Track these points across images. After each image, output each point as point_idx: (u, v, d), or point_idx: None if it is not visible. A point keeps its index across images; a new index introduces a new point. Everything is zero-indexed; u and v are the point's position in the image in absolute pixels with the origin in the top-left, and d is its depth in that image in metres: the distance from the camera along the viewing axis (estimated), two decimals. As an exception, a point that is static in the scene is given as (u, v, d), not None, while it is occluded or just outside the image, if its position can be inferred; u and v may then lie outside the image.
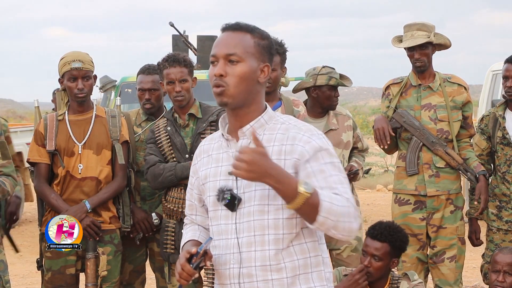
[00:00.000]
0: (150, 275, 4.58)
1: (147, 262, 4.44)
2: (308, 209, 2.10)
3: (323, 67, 4.56)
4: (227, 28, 2.28)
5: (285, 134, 2.23)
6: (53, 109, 4.31)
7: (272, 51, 2.30)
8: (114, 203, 4.05)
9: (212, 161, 2.33)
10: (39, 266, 4.04)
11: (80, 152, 3.95)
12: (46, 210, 4.01)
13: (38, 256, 4.05)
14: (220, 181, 2.27)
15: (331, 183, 2.16)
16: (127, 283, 4.33)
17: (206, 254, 2.22)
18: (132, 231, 4.17)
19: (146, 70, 4.37)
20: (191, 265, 2.21)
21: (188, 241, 2.43)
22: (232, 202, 2.21)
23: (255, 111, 2.27)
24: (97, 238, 3.93)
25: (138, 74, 4.42)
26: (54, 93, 9.59)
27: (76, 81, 3.93)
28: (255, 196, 2.20)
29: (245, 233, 2.23)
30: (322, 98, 4.50)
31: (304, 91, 4.65)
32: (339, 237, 2.14)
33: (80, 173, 3.93)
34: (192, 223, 2.50)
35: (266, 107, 2.31)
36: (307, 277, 2.24)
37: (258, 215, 2.21)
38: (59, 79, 4.02)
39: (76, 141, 3.96)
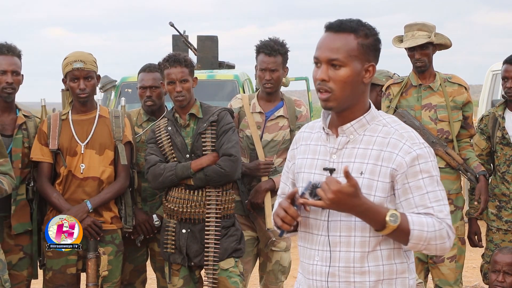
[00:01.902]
0: (151, 275, 4.58)
1: (148, 262, 4.44)
2: (397, 237, 2.18)
3: (394, 73, 4.66)
4: (330, 28, 2.24)
5: (386, 138, 2.23)
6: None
7: (377, 47, 2.26)
8: (116, 204, 4.06)
9: (309, 151, 2.34)
10: (42, 265, 4.05)
11: (82, 152, 3.95)
12: (48, 209, 4.02)
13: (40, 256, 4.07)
14: (315, 175, 2.28)
15: (426, 201, 2.19)
16: (127, 282, 4.33)
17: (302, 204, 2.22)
18: (133, 233, 4.18)
19: (147, 68, 4.38)
20: (295, 208, 2.20)
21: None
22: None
23: (359, 110, 2.27)
24: (98, 238, 3.93)
25: (139, 72, 4.43)
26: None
27: (78, 81, 3.93)
28: None
29: (332, 232, 2.24)
30: (381, 101, 4.60)
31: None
32: (432, 253, 2.25)
33: (82, 173, 3.93)
34: None
35: (370, 106, 2.30)
36: (391, 283, 2.25)
37: (345, 216, 2.22)
38: (62, 79, 4.03)
39: (78, 141, 3.97)
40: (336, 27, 2.22)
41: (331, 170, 2.25)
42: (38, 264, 4.11)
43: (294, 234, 2.38)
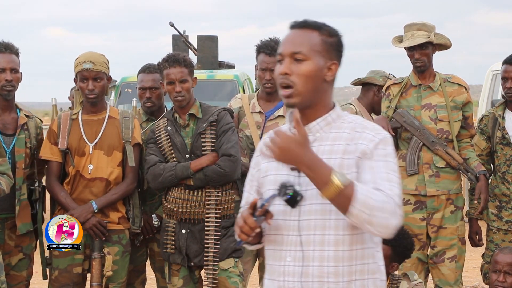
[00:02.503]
0: (150, 275, 4.58)
1: (148, 262, 4.44)
2: (341, 200, 2.07)
3: (390, 74, 4.67)
4: (294, 25, 2.24)
5: (351, 134, 2.21)
6: (70, 108, 4.34)
7: (340, 48, 2.26)
8: (124, 204, 4.06)
9: None
10: (48, 264, 4.05)
11: (91, 152, 3.96)
12: (57, 208, 4.03)
13: (40, 256, 4.07)
14: (282, 175, 2.24)
15: (377, 179, 2.13)
16: (127, 282, 4.33)
17: (267, 212, 2.18)
18: (135, 234, 4.17)
19: (147, 69, 4.38)
20: (254, 218, 2.16)
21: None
22: (293, 199, 2.16)
23: (323, 109, 2.25)
24: (103, 238, 3.94)
25: (138, 73, 4.43)
26: (71, 91, 9.63)
27: (87, 82, 3.94)
28: (317, 194, 2.13)
29: (305, 231, 2.20)
30: (378, 101, 4.59)
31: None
32: (375, 233, 2.11)
33: (90, 173, 3.94)
34: None
35: (334, 106, 2.28)
36: (363, 284, 2.20)
37: (319, 214, 2.18)
38: (74, 79, 4.04)
39: (87, 141, 3.97)
40: (300, 24, 2.24)
41: (299, 170, 2.19)
42: (41, 264, 4.11)
43: (258, 246, 2.34)
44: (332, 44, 2.23)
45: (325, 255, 2.18)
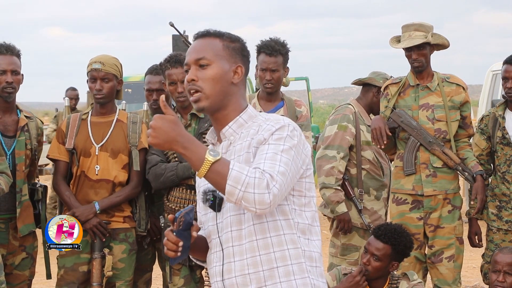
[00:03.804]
0: (157, 272, 4.57)
1: (153, 263, 4.44)
2: (216, 177, 2.08)
3: (391, 76, 4.69)
4: (197, 36, 2.32)
5: (256, 128, 2.24)
6: (66, 107, 4.37)
7: (244, 52, 2.33)
8: (131, 206, 4.07)
9: None
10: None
11: (97, 153, 3.97)
12: (64, 207, 4.05)
13: (42, 256, 4.09)
14: (205, 185, 2.27)
15: (261, 159, 2.13)
16: (130, 281, 4.34)
17: (192, 225, 2.19)
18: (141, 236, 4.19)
19: (154, 70, 4.37)
20: (174, 233, 2.16)
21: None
22: (215, 203, 2.21)
23: (234, 112, 2.29)
24: (104, 239, 3.95)
25: (146, 74, 4.41)
26: (67, 92, 9.69)
27: (95, 82, 3.96)
28: None
29: (224, 230, 2.24)
30: (377, 102, 4.60)
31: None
32: (253, 210, 2.09)
33: (96, 174, 3.96)
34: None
35: (246, 107, 2.31)
36: (287, 270, 2.20)
37: (234, 211, 2.21)
38: (87, 80, 4.06)
39: (94, 142, 3.99)
40: (202, 34, 2.31)
41: None
42: (45, 264, 4.13)
43: (201, 263, 2.38)
44: (235, 49, 2.30)
45: (243, 248, 2.20)
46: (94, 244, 3.94)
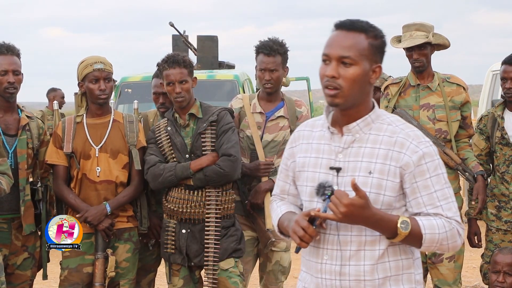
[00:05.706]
0: (162, 270, 4.57)
1: (157, 264, 4.44)
2: (410, 242, 2.22)
3: (390, 76, 4.69)
4: (341, 26, 2.25)
5: (392, 137, 2.24)
6: (46, 107, 4.37)
7: (384, 49, 2.29)
8: (132, 205, 4.08)
9: (312, 150, 2.34)
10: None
11: (97, 155, 3.98)
12: (67, 210, 4.04)
13: (42, 256, 4.09)
14: (320, 173, 2.28)
15: (434, 200, 2.22)
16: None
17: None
18: (145, 237, 4.19)
19: None
20: (314, 226, 2.20)
21: (286, 212, 2.42)
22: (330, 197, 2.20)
23: (364, 110, 2.28)
24: (107, 240, 3.95)
25: (153, 77, 4.40)
26: (48, 95, 9.65)
27: (98, 82, 3.96)
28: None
29: (342, 231, 2.25)
30: (376, 101, 4.64)
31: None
32: (445, 252, 2.34)
33: (98, 176, 3.96)
34: (282, 200, 2.50)
35: (373, 106, 2.31)
36: (397, 279, 2.27)
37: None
38: (78, 83, 4.04)
39: (93, 144, 3.99)
40: (347, 26, 2.24)
41: (338, 169, 2.26)
42: (43, 264, 4.13)
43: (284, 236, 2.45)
44: (377, 47, 2.25)
45: (361, 254, 2.24)
46: (97, 244, 3.94)
